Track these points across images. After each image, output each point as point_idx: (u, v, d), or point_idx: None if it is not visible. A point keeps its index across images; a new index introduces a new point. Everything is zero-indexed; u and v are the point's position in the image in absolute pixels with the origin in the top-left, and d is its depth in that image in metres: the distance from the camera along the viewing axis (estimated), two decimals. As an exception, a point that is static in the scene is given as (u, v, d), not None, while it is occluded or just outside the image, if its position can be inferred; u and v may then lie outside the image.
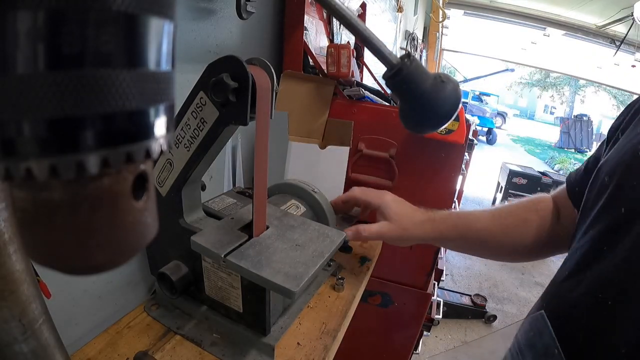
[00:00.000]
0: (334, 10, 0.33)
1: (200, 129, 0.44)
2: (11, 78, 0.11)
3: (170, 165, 0.47)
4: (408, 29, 3.02)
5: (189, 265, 0.52)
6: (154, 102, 0.14)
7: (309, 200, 0.62)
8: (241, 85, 0.39)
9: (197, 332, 0.52)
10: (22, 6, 0.11)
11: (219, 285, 0.50)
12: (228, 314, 0.52)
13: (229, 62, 0.39)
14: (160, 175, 0.49)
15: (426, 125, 0.38)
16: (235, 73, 0.39)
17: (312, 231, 0.48)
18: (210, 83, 0.40)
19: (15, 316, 0.28)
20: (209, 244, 0.43)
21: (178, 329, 0.52)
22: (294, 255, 0.42)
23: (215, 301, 0.52)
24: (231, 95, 0.39)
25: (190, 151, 0.46)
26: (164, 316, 0.54)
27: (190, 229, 0.49)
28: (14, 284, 0.28)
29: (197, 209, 0.53)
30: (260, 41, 0.87)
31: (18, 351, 0.29)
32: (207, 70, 0.41)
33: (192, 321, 0.54)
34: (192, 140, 0.45)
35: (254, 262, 0.40)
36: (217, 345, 0.50)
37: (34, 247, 0.14)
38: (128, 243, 0.16)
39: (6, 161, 0.12)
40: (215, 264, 0.49)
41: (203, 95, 0.42)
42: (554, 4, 4.66)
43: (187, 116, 0.44)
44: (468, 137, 0.91)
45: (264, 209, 0.46)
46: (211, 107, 0.42)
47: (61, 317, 0.47)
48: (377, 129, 0.94)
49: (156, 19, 0.13)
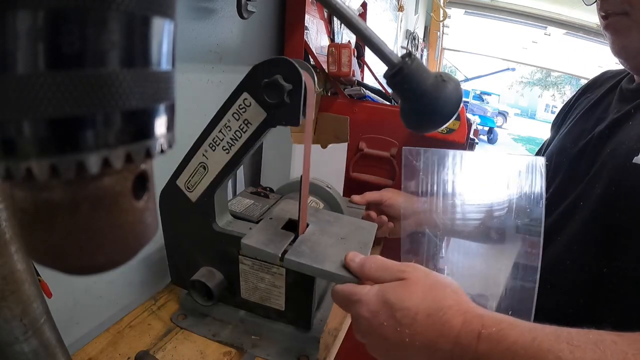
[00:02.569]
0: (334, 10, 0.33)
1: (243, 131, 0.44)
2: (11, 78, 0.11)
3: (204, 169, 0.46)
4: (409, 28, 3.02)
5: (223, 270, 0.51)
6: (154, 102, 0.14)
7: (325, 196, 0.64)
8: (295, 87, 0.40)
9: (235, 336, 0.52)
10: (22, 6, 0.11)
11: (258, 287, 0.50)
12: (267, 314, 0.52)
13: (280, 64, 0.40)
14: (190, 181, 0.48)
15: (427, 125, 0.37)
16: (288, 75, 0.39)
17: (348, 224, 0.50)
18: (262, 84, 0.40)
19: (17, 316, 0.28)
20: (262, 245, 0.44)
21: (214, 336, 0.51)
22: (343, 248, 0.44)
23: (252, 303, 0.52)
24: (286, 97, 0.40)
25: (230, 153, 0.45)
26: (195, 325, 0.53)
27: (226, 233, 0.49)
28: (15, 283, 0.28)
29: (226, 212, 0.52)
30: (261, 40, 0.87)
31: (19, 351, 0.29)
32: (253, 71, 0.41)
33: (228, 326, 0.53)
34: (233, 142, 0.44)
35: (312, 258, 0.42)
36: (259, 347, 0.50)
37: (34, 247, 0.14)
38: (129, 243, 0.16)
39: (7, 161, 0.12)
40: (255, 265, 0.49)
41: (248, 96, 0.42)
42: (555, 3, 4.64)
43: (226, 118, 0.44)
44: (469, 136, 0.91)
45: (306, 207, 0.47)
46: (257, 108, 0.42)
47: (62, 317, 0.47)
48: (378, 128, 0.94)
49: (156, 18, 0.13)
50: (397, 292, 0.34)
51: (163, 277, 0.65)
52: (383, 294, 0.34)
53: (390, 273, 0.36)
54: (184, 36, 0.61)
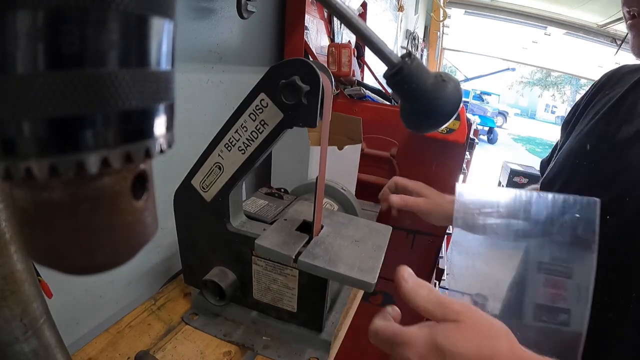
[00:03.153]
0: (334, 10, 0.32)
1: (259, 131, 0.44)
2: (11, 78, 0.11)
3: (220, 169, 0.47)
4: (409, 28, 3.02)
5: (236, 270, 0.51)
6: (153, 102, 0.14)
7: (339, 198, 0.65)
8: (312, 88, 0.40)
9: (246, 337, 0.51)
10: (21, 6, 0.11)
11: (270, 288, 0.50)
12: (279, 316, 0.52)
13: (298, 65, 0.39)
14: (205, 181, 0.48)
15: (427, 125, 0.37)
16: (305, 75, 0.39)
17: (362, 227, 0.50)
18: (280, 85, 0.40)
19: (17, 316, 0.28)
20: (276, 246, 0.44)
21: (225, 336, 0.51)
22: (357, 251, 0.44)
23: (264, 304, 0.52)
24: (303, 98, 0.40)
25: (246, 154, 0.45)
26: (207, 325, 0.53)
27: (240, 233, 0.49)
28: (15, 283, 0.28)
29: (240, 212, 0.52)
30: (261, 40, 0.87)
31: (19, 351, 0.29)
32: (270, 72, 0.41)
33: (240, 327, 0.53)
34: (249, 142, 0.45)
35: (325, 260, 0.42)
36: (270, 348, 0.50)
37: (34, 247, 0.14)
38: (128, 243, 0.16)
39: (6, 161, 0.12)
40: (268, 267, 0.49)
41: (265, 97, 0.42)
42: (555, 3, 4.64)
43: (243, 118, 0.44)
44: (469, 136, 0.91)
45: (321, 209, 0.47)
46: (274, 109, 0.42)
47: (62, 317, 0.47)
48: (378, 128, 0.94)
49: (156, 18, 0.13)
50: (450, 336, 0.31)
51: (163, 277, 0.65)
52: (435, 337, 0.31)
53: (444, 312, 0.32)
54: (184, 36, 0.61)
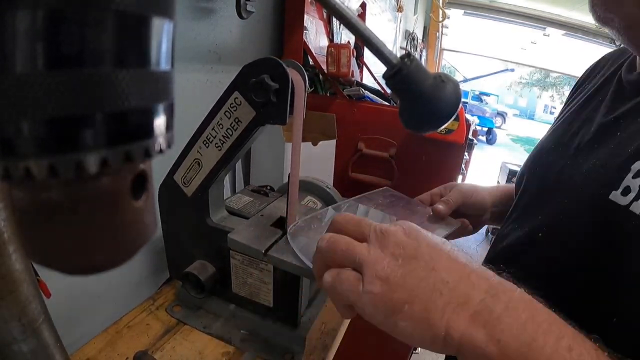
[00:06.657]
0: (334, 10, 0.33)
1: (234, 129, 0.45)
2: (10, 78, 0.11)
3: (199, 165, 0.48)
4: (408, 29, 3.02)
5: (216, 264, 0.52)
6: (153, 102, 0.14)
7: (323, 195, 0.65)
8: (281, 86, 0.40)
9: (225, 330, 0.53)
10: (21, 6, 0.11)
11: (248, 282, 0.51)
12: (256, 310, 0.53)
13: (268, 64, 0.40)
14: (186, 176, 0.49)
15: (426, 125, 0.37)
16: (275, 74, 0.40)
17: None
18: (250, 84, 0.41)
19: (15, 316, 0.28)
20: (248, 241, 0.45)
21: (205, 328, 0.53)
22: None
23: (242, 298, 0.53)
24: (272, 96, 0.40)
25: (222, 150, 0.46)
26: (188, 317, 0.55)
27: (219, 228, 0.50)
28: (13, 283, 0.28)
29: (221, 208, 0.53)
30: (260, 41, 0.87)
31: (17, 351, 0.29)
32: (243, 71, 0.42)
33: (219, 320, 0.54)
34: (225, 139, 0.46)
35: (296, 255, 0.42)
36: (247, 342, 0.51)
37: (33, 246, 0.14)
38: (127, 243, 0.16)
39: (5, 161, 0.12)
40: (245, 261, 0.49)
41: (238, 95, 0.43)
42: (554, 4, 4.65)
43: (219, 116, 0.45)
44: (468, 136, 0.91)
45: (296, 205, 0.48)
46: (247, 107, 0.43)
47: (61, 317, 0.47)
48: (377, 129, 0.94)
49: (155, 18, 0.13)
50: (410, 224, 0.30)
51: (161, 277, 0.65)
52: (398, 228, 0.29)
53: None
54: (183, 36, 0.61)
